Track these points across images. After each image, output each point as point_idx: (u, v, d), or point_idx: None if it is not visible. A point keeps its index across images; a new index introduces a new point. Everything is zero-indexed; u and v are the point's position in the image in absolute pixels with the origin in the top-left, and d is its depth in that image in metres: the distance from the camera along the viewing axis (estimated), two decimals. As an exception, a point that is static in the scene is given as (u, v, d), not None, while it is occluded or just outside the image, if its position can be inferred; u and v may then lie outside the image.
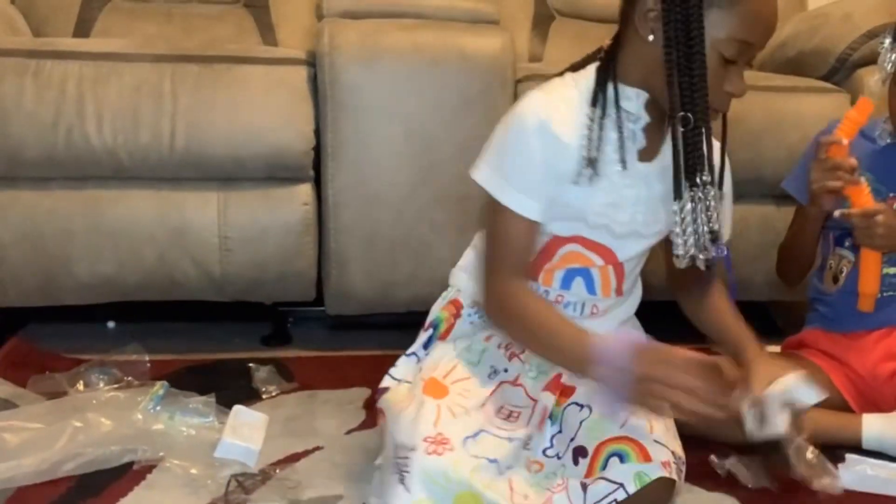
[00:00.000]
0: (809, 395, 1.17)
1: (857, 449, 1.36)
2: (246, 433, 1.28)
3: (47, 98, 1.53)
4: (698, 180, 1.08)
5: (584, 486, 1.07)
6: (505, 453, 1.08)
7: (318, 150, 1.63)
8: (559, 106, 1.12)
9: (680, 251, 1.12)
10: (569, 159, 1.11)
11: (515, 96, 1.68)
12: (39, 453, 1.22)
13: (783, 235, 1.81)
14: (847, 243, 1.48)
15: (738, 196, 1.76)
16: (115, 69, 1.56)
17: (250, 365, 1.59)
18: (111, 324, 1.84)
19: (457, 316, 1.24)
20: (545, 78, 1.71)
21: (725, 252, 1.15)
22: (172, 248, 1.60)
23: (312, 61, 1.64)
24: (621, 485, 1.05)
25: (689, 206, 1.09)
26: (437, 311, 1.26)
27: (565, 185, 1.12)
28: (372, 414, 1.42)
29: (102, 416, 1.29)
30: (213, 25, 2.12)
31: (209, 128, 1.56)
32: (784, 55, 2.05)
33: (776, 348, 1.63)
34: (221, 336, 1.77)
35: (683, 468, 1.11)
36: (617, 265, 1.20)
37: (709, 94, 1.06)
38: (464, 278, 1.26)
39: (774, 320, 1.96)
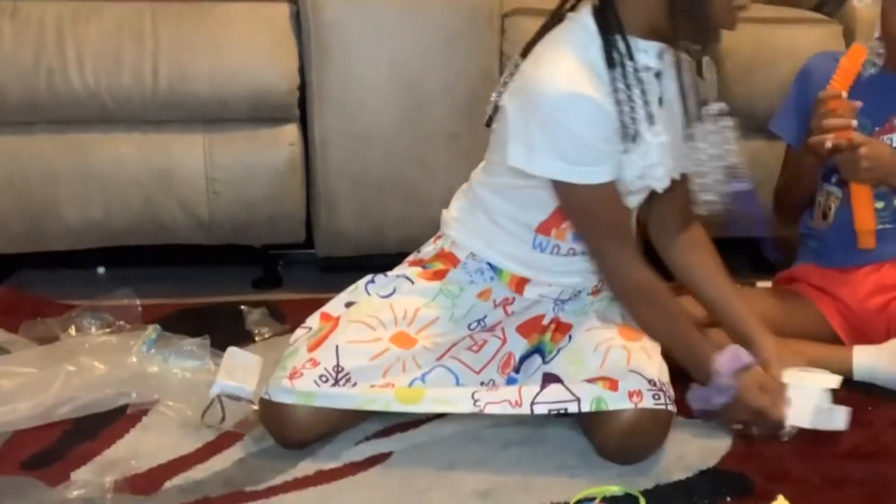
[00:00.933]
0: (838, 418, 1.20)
1: (848, 381, 1.38)
2: (240, 375, 1.29)
3: (26, 40, 1.51)
4: (712, 112, 1.09)
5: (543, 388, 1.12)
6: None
7: (302, 89, 1.61)
8: (579, 72, 1.08)
9: (703, 193, 1.13)
10: (611, 122, 1.09)
11: (503, 31, 1.65)
12: (34, 397, 1.22)
13: (775, 171, 1.80)
14: (834, 179, 1.48)
15: (729, 130, 1.78)
16: (94, 9, 1.54)
17: (242, 308, 1.59)
18: (101, 269, 1.83)
19: (454, 264, 1.24)
20: (533, 12, 1.70)
21: (750, 186, 1.15)
22: (159, 192, 1.59)
23: (295, -1, 1.61)
24: (578, 399, 1.10)
25: (705, 143, 1.10)
26: (429, 256, 1.26)
27: (614, 146, 1.11)
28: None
29: (96, 359, 1.30)
30: (195, -37, 2.07)
31: (192, 68, 1.54)
32: (775, -14, 2.03)
33: (767, 283, 1.64)
34: (212, 280, 1.77)
35: (665, 394, 1.13)
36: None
37: (717, 11, 1.06)
38: (460, 230, 1.25)
39: (765, 256, 1.96)
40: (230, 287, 1.75)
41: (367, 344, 1.15)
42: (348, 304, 1.24)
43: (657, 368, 1.14)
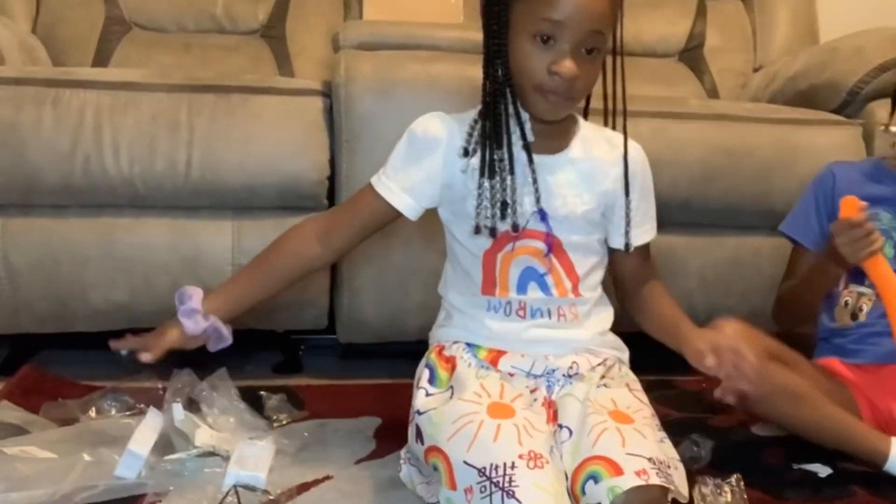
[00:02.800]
0: None
1: (878, 469, 1.35)
2: (252, 464, 1.28)
3: (65, 126, 1.55)
4: (495, 157, 1.17)
5: None
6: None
7: (332, 179, 1.65)
8: (449, 118, 1.24)
9: (474, 221, 1.19)
10: (449, 157, 1.22)
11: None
12: (51, 485, 1.21)
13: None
14: (866, 281, 1.47)
15: (749, 228, 1.79)
16: (132, 98, 1.58)
17: (261, 393, 1.59)
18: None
19: (451, 364, 1.24)
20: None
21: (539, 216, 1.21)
22: (186, 276, 1.61)
23: (328, 92, 1.66)
24: None
25: (486, 182, 1.18)
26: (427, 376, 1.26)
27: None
28: (382, 444, 1.42)
29: (115, 451, 1.29)
30: (230, 56, 2.15)
31: (224, 157, 1.58)
32: (795, 88, 2.07)
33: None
34: (233, 364, 1.76)
35: (672, 469, 1.11)
36: (560, 252, 1.23)
37: (533, 75, 1.14)
38: (439, 330, 1.31)
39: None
40: (250, 370, 1.75)
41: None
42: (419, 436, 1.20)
43: (655, 447, 1.12)
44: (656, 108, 1.77)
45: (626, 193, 1.26)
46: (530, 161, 1.19)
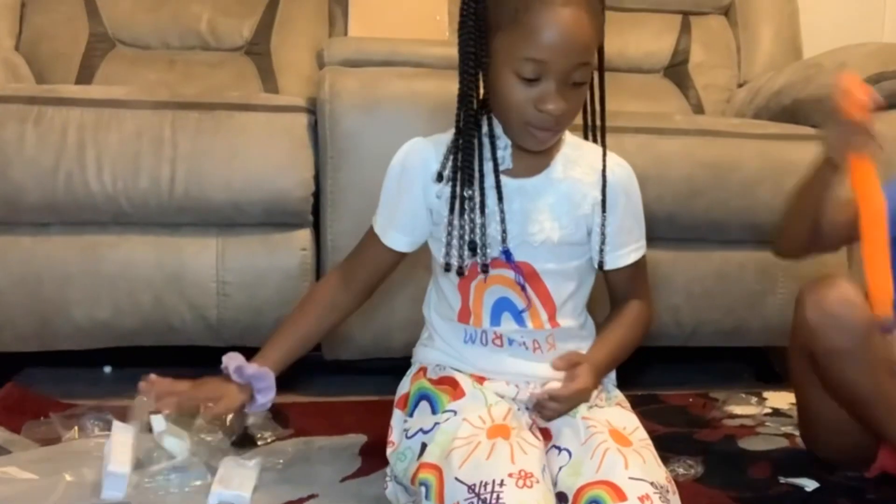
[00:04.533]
0: None
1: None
2: (237, 483, 1.27)
3: (48, 144, 1.54)
4: (465, 194, 1.15)
5: None
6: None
7: (317, 195, 1.64)
8: (429, 144, 1.22)
9: (442, 258, 1.18)
10: (428, 188, 1.20)
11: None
12: (32, 506, 1.20)
13: (779, 282, 1.81)
14: None
15: (735, 242, 1.80)
16: (115, 116, 1.58)
17: (246, 411, 1.57)
18: (107, 369, 1.83)
19: (453, 386, 1.22)
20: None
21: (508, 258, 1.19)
22: (170, 294, 1.61)
23: (313, 108, 1.66)
24: None
25: (455, 220, 1.16)
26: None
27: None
28: (367, 461, 1.41)
29: (97, 471, 1.27)
30: (215, 73, 2.14)
31: (209, 174, 1.58)
32: (780, 103, 2.08)
33: (778, 394, 1.62)
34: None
35: (672, 494, 1.10)
36: (536, 282, 1.20)
37: (519, 111, 1.10)
38: (424, 352, 1.30)
39: (772, 366, 1.95)
40: (235, 389, 1.74)
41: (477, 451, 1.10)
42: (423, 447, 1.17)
43: (656, 471, 1.12)
44: (642, 124, 1.77)
45: (603, 210, 1.21)
46: (500, 198, 1.16)
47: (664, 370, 1.56)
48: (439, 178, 1.18)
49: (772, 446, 1.53)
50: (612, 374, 1.30)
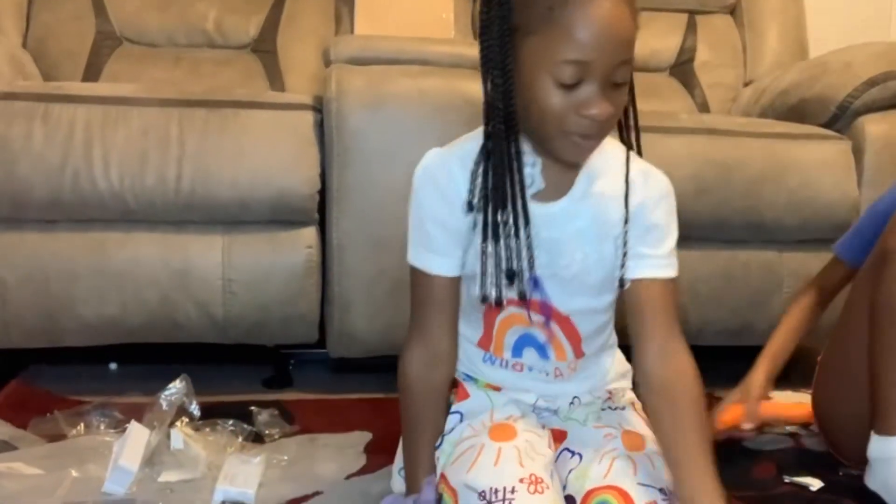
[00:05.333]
0: None
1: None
2: (241, 480, 1.28)
3: (55, 141, 1.55)
4: (499, 219, 1.02)
5: None
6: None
7: (323, 193, 1.65)
8: (452, 160, 1.07)
9: (475, 290, 1.07)
10: (458, 211, 1.06)
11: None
12: (37, 501, 1.21)
13: (785, 282, 1.81)
14: None
15: (740, 241, 1.80)
16: (122, 113, 1.58)
17: (252, 408, 1.58)
18: (113, 365, 1.84)
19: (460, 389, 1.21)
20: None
21: (530, 295, 1.07)
22: (176, 291, 1.61)
23: (319, 107, 1.66)
24: None
25: (489, 246, 1.04)
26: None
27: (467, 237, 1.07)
28: (373, 458, 1.42)
29: (103, 467, 1.28)
30: (222, 70, 2.15)
31: (215, 172, 1.58)
32: (785, 103, 2.08)
33: (786, 394, 1.62)
34: (223, 378, 1.76)
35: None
36: (562, 319, 1.12)
37: (558, 119, 0.98)
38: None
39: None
40: (241, 385, 1.75)
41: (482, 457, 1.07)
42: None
43: (664, 476, 1.11)
44: (647, 123, 1.73)
45: (626, 220, 1.07)
46: (526, 223, 1.03)
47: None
48: (469, 207, 1.05)
49: (777, 446, 1.53)
50: (629, 377, 1.26)
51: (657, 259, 1.09)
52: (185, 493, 1.28)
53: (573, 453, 1.14)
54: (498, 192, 1.02)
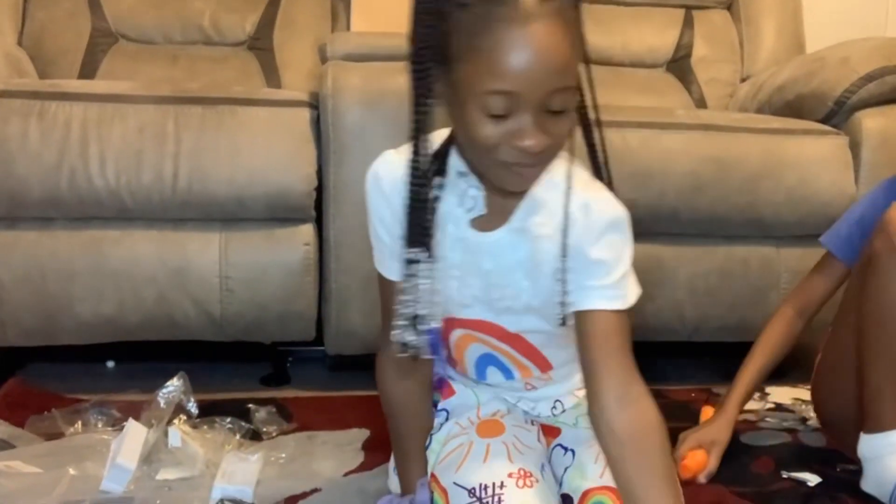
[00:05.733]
0: None
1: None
2: (239, 477, 1.28)
3: (51, 139, 1.54)
4: (412, 255, 0.98)
5: None
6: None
7: (319, 190, 1.64)
8: (399, 168, 1.00)
9: (393, 334, 1.01)
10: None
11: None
12: (36, 500, 1.21)
13: (782, 277, 1.80)
14: None
15: (738, 237, 1.80)
16: (119, 111, 1.58)
17: (250, 406, 1.58)
18: (111, 364, 1.84)
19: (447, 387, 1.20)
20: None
21: (429, 339, 1.03)
22: (173, 289, 1.61)
23: (315, 103, 1.66)
24: None
25: (408, 282, 0.99)
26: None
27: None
28: (370, 456, 1.42)
29: (100, 465, 1.28)
30: (218, 68, 2.14)
31: (212, 169, 1.58)
32: (782, 98, 2.08)
33: (781, 389, 1.62)
34: (221, 376, 1.77)
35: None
36: (512, 338, 1.09)
37: (491, 151, 0.91)
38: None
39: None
40: (238, 383, 1.74)
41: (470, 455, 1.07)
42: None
43: None
44: (644, 119, 1.77)
45: (563, 254, 0.99)
46: (463, 251, 1.01)
47: (667, 365, 1.56)
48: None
49: (774, 441, 1.53)
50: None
51: (603, 290, 1.00)
52: (182, 491, 1.28)
53: (566, 449, 1.14)
54: (414, 230, 0.98)
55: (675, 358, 1.76)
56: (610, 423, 0.98)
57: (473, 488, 1.03)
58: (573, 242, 0.99)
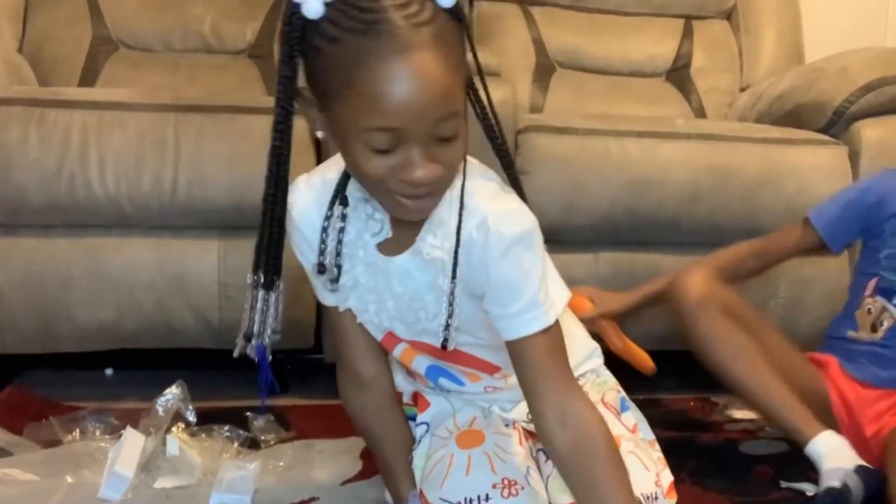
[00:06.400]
0: None
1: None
2: (237, 486, 1.28)
3: (51, 146, 1.54)
4: (252, 278, 1.02)
5: None
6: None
7: (318, 198, 1.64)
8: (309, 197, 1.03)
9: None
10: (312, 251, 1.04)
11: (517, 147, 1.70)
12: (34, 507, 1.21)
13: (781, 286, 1.81)
14: (895, 301, 1.45)
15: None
16: (118, 118, 1.58)
17: (248, 414, 1.58)
18: (109, 371, 1.83)
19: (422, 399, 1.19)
20: (547, 129, 1.75)
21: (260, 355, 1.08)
22: (172, 296, 1.61)
23: (314, 111, 1.66)
24: None
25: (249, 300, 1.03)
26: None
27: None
28: (369, 464, 1.41)
29: (98, 473, 1.28)
30: (218, 75, 2.15)
31: (211, 176, 1.58)
32: (781, 108, 2.08)
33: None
34: (219, 384, 1.76)
35: (664, 498, 1.09)
36: (449, 354, 1.06)
37: (383, 186, 0.89)
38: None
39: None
40: (236, 392, 1.74)
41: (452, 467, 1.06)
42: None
43: (642, 478, 1.09)
44: (644, 128, 1.78)
45: (453, 276, 0.96)
46: (269, 287, 1.05)
47: (665, 374, 1.55)
48: (320, 269, 1.03)
49: (773, 450, 1.52)
50: (596, 357, 1.23)
51: (520, 315, 0.97)
52: (180, 500, 1.28)
53: (548, 457, 1.14)
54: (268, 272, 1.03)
55: (673, 367, 1.74)
56: (552, 443, 0.99)
57: (459, 502, 1.02)
58: (473, 263, 0.96)
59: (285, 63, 0.89)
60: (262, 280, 1.03)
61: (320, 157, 1.64)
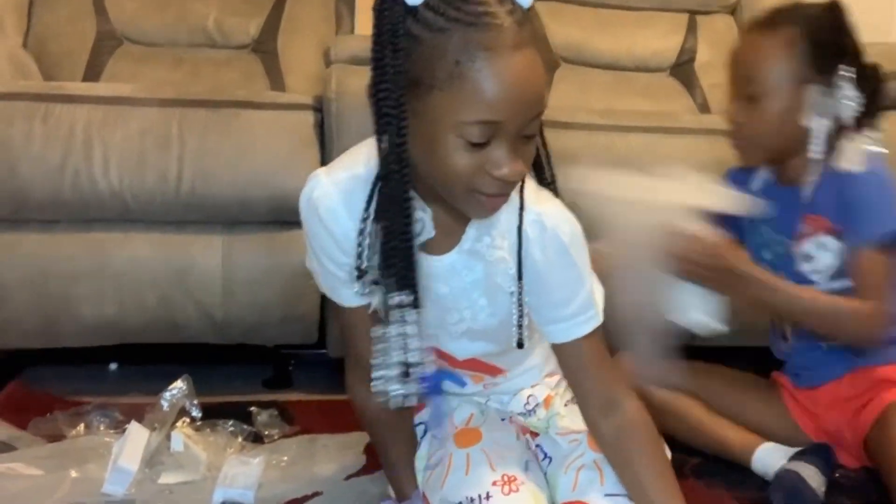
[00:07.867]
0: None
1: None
2: (241, 480, 1.28)
3: (55, 141, 1.54)
4: (393, 301, 0.92)
5: None
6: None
7: (322, 193, 1.64)
8: (335, 195, 0.98)
9: (375, 384, 0.95)
10: (349, 249, 0.97)
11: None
12: (37, 502, 1.21)
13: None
14: None
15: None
16: (122, 113, 1.58)
17: (252, 409, 1.58)
18: (113, 366, 1.83)
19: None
20: (550, 124, 1.74)
21: (420, 392, 0.97)
22: (175, 291, 1.61)
23: (319, 106, 1.66)
24: None
25: (388, 329, 0.93)
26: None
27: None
28: (372, 459, 1.41)
29: (102, 468, 1.29)
30: (222, 70, 2.15)
31: (215, 172, 1.58)
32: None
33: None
34: (223, 379, 1.76)
35: None
36: (459, 364, 1.11)
37: (465, 178, 0.88)
38: None
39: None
40: (240, 387, 1.74)
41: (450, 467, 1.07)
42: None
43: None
44: (648, 123, 1.77)
45: (519, 277, 0.98)
46: (415, 305, 0.94)
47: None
48: (359, 273, 0.95)
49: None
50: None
51: (573, 317, 1.00)
52: (184, 495, 1.28)
53: (545, 454, 1.15)
54: (401, 274, 0.91)
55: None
56: (598, 432, 1.05)
57: (460, 502, 1.03)
58: (530, 262, 0.98)
59: (394, 52, 0.87)
60: (413, 299, 0.92)
61: (324, 153, 1.64)
